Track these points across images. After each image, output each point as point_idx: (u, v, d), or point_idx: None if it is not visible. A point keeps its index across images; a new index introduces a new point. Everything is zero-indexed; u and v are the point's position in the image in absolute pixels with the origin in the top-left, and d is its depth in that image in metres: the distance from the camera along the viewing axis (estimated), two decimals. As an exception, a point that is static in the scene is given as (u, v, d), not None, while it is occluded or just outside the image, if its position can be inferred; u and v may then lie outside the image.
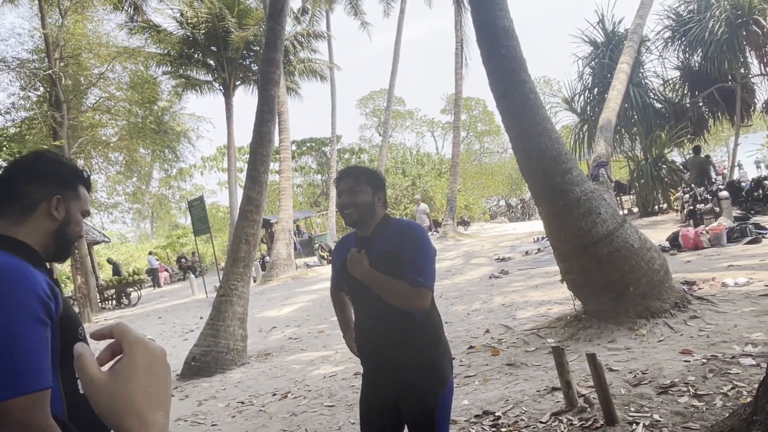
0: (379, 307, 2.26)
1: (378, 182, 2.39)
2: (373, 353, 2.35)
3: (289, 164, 19.06)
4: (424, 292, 2.19)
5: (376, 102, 53.53)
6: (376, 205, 2.36)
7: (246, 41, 22.81)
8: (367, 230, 2.37)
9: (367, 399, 2.41)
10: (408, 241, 2.26)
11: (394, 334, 2.26)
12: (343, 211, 2.35)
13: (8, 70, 17.14)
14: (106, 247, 32.39)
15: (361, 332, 2.42)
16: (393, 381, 2.28)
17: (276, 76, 8.14)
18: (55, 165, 1.51)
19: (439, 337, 2.33)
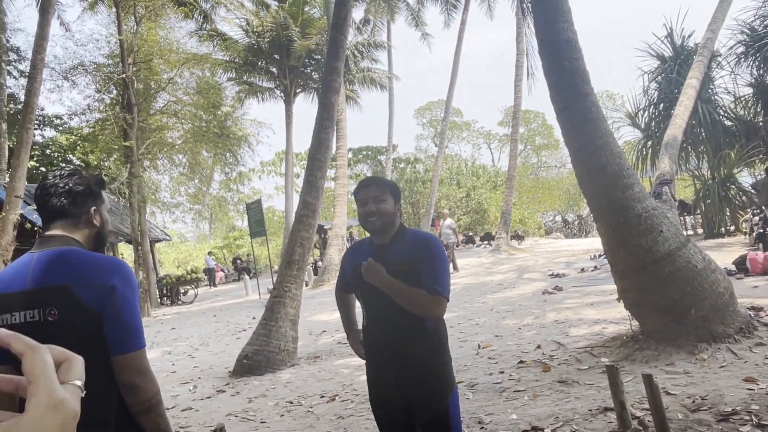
0: (392, 315, 2.32)
1: (398, 193, 2.50)
2: (384, 358, 2.41)
3: (344, 171, 19.30)
4: (442, 300, 2.28)
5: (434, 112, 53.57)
6: (396, 214, 2.45)
7: (308, 50, 23.34)
8: (384, 239, 2.44)
9: (378, 401, 2.47)
10: (426, 252, 2.33)
11: (406, 341, 2.33)
12: (368, 218, 2.41)
13: (86, 74, 18.14)
14: (167, 245, 33.58)
15: (371, 337, 2.48)
16: (403, 386, 2.35)
17: (336, 84, 8.29)
18: (84, 183, 1.86)
19: (446, 345, 2.42)
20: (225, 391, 6.67)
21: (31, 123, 14.13)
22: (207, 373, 7.82)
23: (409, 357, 2.32)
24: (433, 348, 2.34)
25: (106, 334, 1.62)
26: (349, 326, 2.80)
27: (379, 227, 2.40)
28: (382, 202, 2.39)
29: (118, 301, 1.64)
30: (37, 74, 14.19)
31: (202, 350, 9.86)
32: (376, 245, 2.44)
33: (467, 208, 35.03)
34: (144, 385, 1.65)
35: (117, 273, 1.68)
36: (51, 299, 1.62)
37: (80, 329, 1.61)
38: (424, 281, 2.26)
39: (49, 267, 1.66)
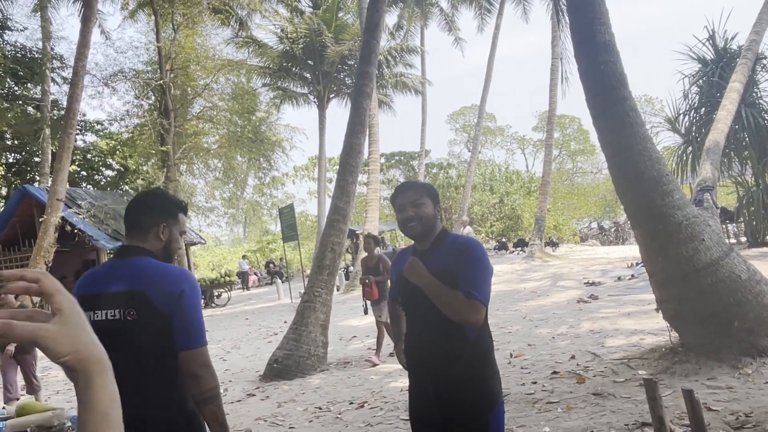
0: (432, 323, 2.24)
1: (436, 196, 2.43)
2: (423, 368, 2.33)
3: (377, 176, 19.31)
4: (478, 305, 2.15)
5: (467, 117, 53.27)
6: (436, 217, 2.37)
7: (341, 55, 23.47)
8: (425, 244, 2.36)
9: (416, 412, 2.39)
10: (466, 257, 2.24)
11: (446, 351, 2.24)
12: (408, 224, 2.35)
13: (125, 80, 18.60)
14: (202, 248, 34.13)
15: (411, 346, 2.40)
16: (441, 398, 2.25)
17: (369, 89, 8.28)
18: (161, 200, 2.17)
19: (490, 358, 2.29)
20: (255, 395, 6.70)
21: (72, 128, 14.54)
22: (238, 377, 7.87)
23: (449, 368, 2.22)
24: (474, 360, 2.22)
25: (174, 332, 1.89)
26: (397, 336, 2.74)
27: (420, 232, 2.32)
28: (421, 205, 2.31)
29: (185, 305, 1.91)
30: (79, 81, 14.60)
31: (233, 353, 9.94)
32: (419, 251, 2.37)
33: (500, 213, 34.65)
34: (206, 376, 1.89)
35: (185, 281, 1.96)
36: (130, 301, 1.92)
37: (154, 328, 1.90)
38: (461, 284, 2.16)
39: (129, 274, 1.97)
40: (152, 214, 2.09)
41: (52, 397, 7.82)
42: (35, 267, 14.14)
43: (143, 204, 2.14)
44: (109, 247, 17.07)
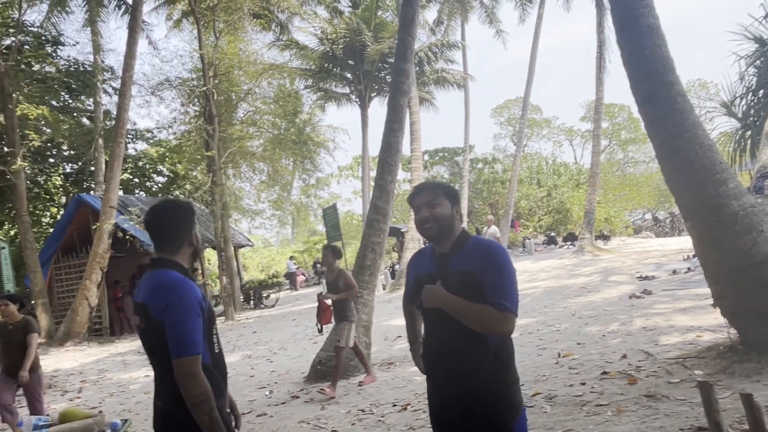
0: (451, 329, 2.16)
1: (455, 196, 2.33)
2: (443, 376, 2.24)
3: (420, 174, 19.15)
4: (510, 317, 2.09)
5: (511, 111, 52.38)
6: (455, 218, 2.28)
7: (381, 54, 23.43)
8: (445, 246, 2.28)
9: (437, 420, 2.31)
10: (490, 263, 2.14)
11: (466, 358, 2.16)
12: (423, 225, 2.28)
13: (171, 88, 19.08)
14: (251, 250, 34.76)
15: (430, 352, 2.32)
16: (462, 407, 2.17)
17: (405, 86, 8.18)
18: (183, 212, 2.28)
19: (511, 365, 2.22)
20: (299, 397, 6.71)
21: (122, 137, 15.02)
22: (283, 378, 7.91)
23: (469, 376, 2.14)
24: (496, 367, 2.14)
25: (167, 341, 2.05)
26: (413, 337, 2.67)
27: (436, 233, 2.25)
28: (437, 206, 2.24)
29: (170, 317, 2.04)
30: (127, 91, 15.06)
31: (280, 354, 10.03)
32: (438, 253, 2.30)
33: (548, 207, 33.89)
34: (188, 384, 2.01)
35: (173, 293, 2.07)
36: (140, 311, 2.17)
37: (155, 337, 2.10)
38: (489, 295, 2.09)
39: (145, 286, 2.18)
40: (184, 227, 2.26)
41: (106, 399, 8.06)
42: (92, 272, 14.70)
43: (172, 220, 2.27)
44: (160, 252, 17.51)
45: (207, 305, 2.16)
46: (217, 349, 2.23)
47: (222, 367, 2.25)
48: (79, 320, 14.47)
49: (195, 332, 2.05)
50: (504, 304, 2.07)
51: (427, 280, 2.28)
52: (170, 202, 2.35)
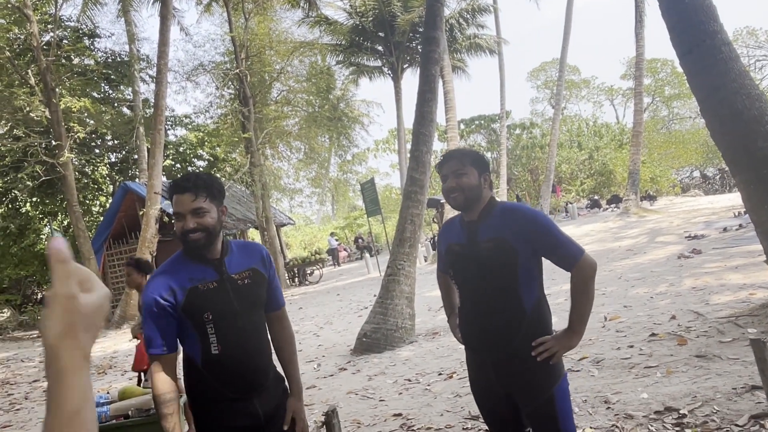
0: (488, 296, 2.18)
1: (483, 163, 2.28)
2: (480, 343, 2.24)
3: (456, 144, 18.94)
4: (583, 261, 2.11)
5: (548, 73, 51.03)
6: (482, 187, 2.24)
7: (411, 23, 23.08)
8: (473, 214, 2.25)
9: (478, 389, 2.32)
10: (529, 229, 2.14)
11: (503, 324, 2.15)
12: (450, 195, 2.25)
13: (205, 73, 19.31)
14: (293, 228, 35.27)
15: (465, 321, 2.31)
16: (503, 373, 2.18)
17: (436, 54, 8.06)
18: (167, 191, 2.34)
19: (549, 327, 2.19)
20: (346, 369, 6.83)
21: (161, 124, 15.32)
22: (330, 351, 8.07)
23: (506, 342, 2.14)
24: (533, 332, 2.13)
25: None
26: (450, 309, 2.66)
27: (462, 203, 2.22)
28: (463, 175, 2.21)
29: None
30: (163, 78, 15.31)
31: (326, 329, 10.22)
32: (467, 222, 2.28)
33: (590, 170, 33.14)
34: (151, 385, 2.11)
35: (145, 290, 2.09)
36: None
37: None
38: (554, 258, 2.14)
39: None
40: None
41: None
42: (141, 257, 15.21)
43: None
44: (205, 234, 17.94)
45: (181, 301, 1.99)
46: (216, 349, 2.02)
47: (222, 369, 2.03)
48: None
49: (150, 332, 2.00)
50: (570, 260, 2.12)
51: (458, 250, 2.29)
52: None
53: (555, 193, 28.44)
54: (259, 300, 2.14)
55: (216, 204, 2.04)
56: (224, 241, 2.13)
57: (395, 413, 4.73)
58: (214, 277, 2.06)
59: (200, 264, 2.06)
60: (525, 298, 2.13)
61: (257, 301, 2.13)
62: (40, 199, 20.31)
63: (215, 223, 2.02)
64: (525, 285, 2.14)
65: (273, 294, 2.23)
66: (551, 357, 2.11)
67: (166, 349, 2.01)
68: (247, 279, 2.10)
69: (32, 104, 15.54)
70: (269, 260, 2.22)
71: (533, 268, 2.16)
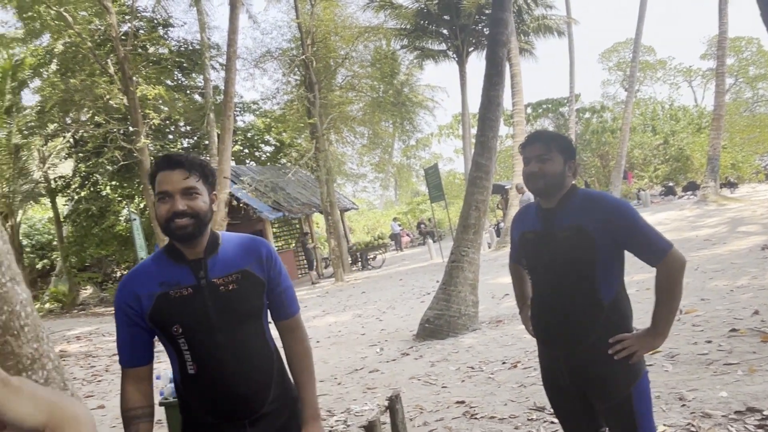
0: (563, 287, 2.06)
1: (570, 150, 2.14)
2: (553, 336, 2.13)
3: (522, 128, 18.52)
4: (670, 255, 1.98)
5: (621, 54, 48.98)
6: (566, 174, 2.11)
7: (478, 6, 22.59)
8: (552, 201, 2.13)
9: (550, 383, 2.22)
10: (611, 219, 2.00)
11: (578, 317, 2.04)
12: (530, 179, 2.13)
13: (272, 59, 19.67)
14: (356, 213, 35.62)
15: (538, 312, 2.21)
16: (576, 370, 2.06)
17: (503, 36, 7.85)
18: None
19: (628, 323, 2.06)
20: (409, 354, 6.85)
21: (230, 110, 15.72)
22: (393, 336, 8.11)
23: (581, 336, 2.04)
24: (610, 325, 2.02)
25: None
26: (521, 300, 2.57)
27: (542, 188, 2.11)
28: (547, 161, 2.09)
29: None
30: (232, 66, 15.67)
31: (389, 313, 10.28)
32: (544, 209, 2.17)
33: (665, 156, 31.63)
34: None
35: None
36: None
37: None
38: (638, 252, 2.01)
39: None
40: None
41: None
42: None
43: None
44: (272, 218, 18.45)
45: (147, 309, 1.70)
46: (192, 368, 1.71)
47: (201, 392, 1.73)
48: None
49: (118, 340, 1.76)
50: (657, 255, 1.98)
51: (533, 238, 2.19)
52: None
53: (626, 180, 27.35)
54: (251, 310, 1.76)
55: (208, 189, 1.74)
56: (213, 237, 1.78)
57: (458, 400, 4.69)
58: (189, 281, 1.71)
59: (177, 264, 1.73)
60: (603, 291, 2.02)
61: (247, 312, 1.75)
62: (118, 182, 21.38)
63: (207, 209, 1.71)
64: (603, 277, 2.02)
65: (278, 300, 1.85)
66: (630, 356, 1.99)
67: (135, 361, 1.74)
68: (233, 284, 1.73)
69: (112, 92, 16.35)
70: (271, 259, 1.82)
71: (613, 260, 2.03)
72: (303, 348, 1.90)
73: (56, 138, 20.08)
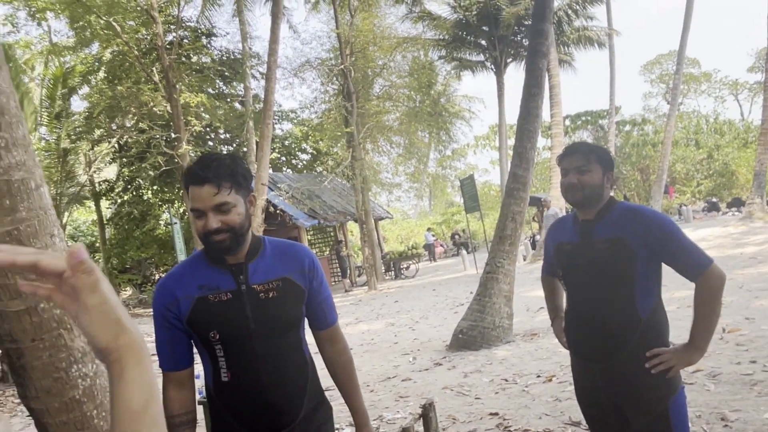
0: (599, 299, 2.05)
1: (609, 161, 2.14)
2: (588, 349, 2.12)
3: (560, 140, 18.31)
4: (710, 271, 1.95)
5: (664, 66, 48.03)
6: (605, 186, 2.10)
7: (517, 17, 22.53)
8: (590, 213, 2.12)
9: (584, 397, 2.21)
10: (650, 232, 1.98)
11: (614, 330, 2.02)
12: (568, 190, 2.13)
13: (311, 69, 19.97)
14: (390, 222, 35.68)
15: (573, 323, 2.20)
16: (611, 383, 2.05)
17: (544, 47, 7.80)
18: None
19: (665, 338, 2.04)
20: (442, 364, 6.82)
21: (269, 118, 16.01)
22: (426, 346, 8.09)
23: (617, 350, 2.02)
24: (647, 339, 2.00)
25: None
26: (554, 313, 2.56)
27: (581, 200, 2.11)
28: (586, 172, 2.08)
29: None
30: (272, 75, 15.98)
31: (421, 323, 10.25)
32: (581, 221, 2.17)
33: (709, 171, 30.80)
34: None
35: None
36: None
37: None
38: (677, 266, 1.99)
39: None
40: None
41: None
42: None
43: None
44: (307, 225, 18.65)
45: (185, 314, 1.67)
46: (225, 375, 1.69)
47: (233, 401, 1.70)
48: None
49: (158, 343, 1.73)
50: (698, 269, 1.95)
51: (570, 250, 2.18)
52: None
53: (667, 194, 26.72)
54: (290, 319, 1.72)
55: (242, 195, 1.64)
56: (255, 241, 1.74)
57: (491, 412, 4.65)
58: (230, 286, 1.67)
59: (217, 268, 1.69)
60: (640, 304, 2.00)
61: (286, 321, 1.71)
62: (159, 187, 21.94)
63: (243, 219, 1.63)
64: (641, 290, 2.01)
65: (318, 310, 1.82)
66: (666, 370, 1.97)
67: (176, 364, 1.71)
68: (273, 292, 1.68)
69: (156, 99, 16.84)
70: (313, 268, 1.78)
71: (652, 273, 2.02)
72: (345, 358, 1.87)
73: (102, 143, 20.75)
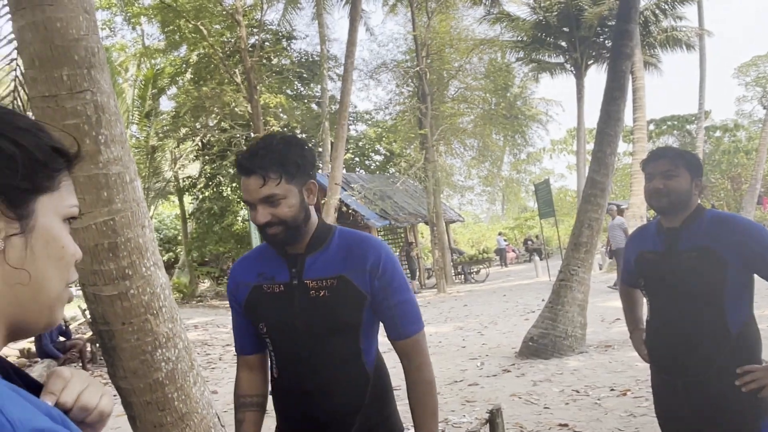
0: (687, 312, 1.95)
1: (698, 167, 2.04)
2: (672, 363, 2.01)
3: (643, 145, 17.54)
4: None
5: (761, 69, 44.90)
6: (693, 192, 2.01)
7: (600, 17, 21.79)
8: (676, 221, 2.02)
9: (663, 412, 2.10)
10: (743, 241, 1.88)
11: (702, 344, 1.92)
12: (653, 196, 2.04)
13: (387, 71, 20.16)
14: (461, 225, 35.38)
15: (655, 335, 2.09)
16: (696, 400, 1.94)
17: (628, 49, 7.51)
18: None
19: (757, 354, 1.92)
20: (510, 371, 6.71)
21: (345, 120, 16.29)
22: (494, 352, 7.98)
23: (704, 365, 1.93)
24: (737, 355, 1.89)
25: None
26: (634, 324, 2.45)
27: (666, 206, 2.02)
28: (673, 177, 2.00)
29: None
30: (349, 77, 16.24)
31: (490, 328, 10.12)
32: (665, 228, 2.07)
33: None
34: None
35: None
36: None
37: None
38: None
39: None
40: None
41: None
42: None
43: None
44: (378, 225, 18.82)
45: (243, 298, 1.63)
46: (275, 371, 1.63)
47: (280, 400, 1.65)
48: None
49: (233, 329, 1.73)
50: None
51: (653, 258, 2.09)
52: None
53: (761, 205, 25.05)
54: (340, 324, 1.55)
55: (296, 184, 1.50)
56: (322, 231, 1.61)
57: (561, 423, 4.54)
58: (284, 278, 1.57)
59: (277, 257, 1.60)
60: (730, 317, 1.90)
61: (335, 325, 1.54)
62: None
63: (296, 211, 1.49)
64: (732, 302, 1.90)
65: (387, 317, 1.61)
66: (759, 389, 1.85)
67: (245, 349, 1.70)
68: (325, 291, 1.53)
69: (237, 100, 17.53)
70: (379, 268, 1.57)
71: (743, 285, 1.92)
72: (418, 377, 1.60)
73: (186, 141, 21.80)
